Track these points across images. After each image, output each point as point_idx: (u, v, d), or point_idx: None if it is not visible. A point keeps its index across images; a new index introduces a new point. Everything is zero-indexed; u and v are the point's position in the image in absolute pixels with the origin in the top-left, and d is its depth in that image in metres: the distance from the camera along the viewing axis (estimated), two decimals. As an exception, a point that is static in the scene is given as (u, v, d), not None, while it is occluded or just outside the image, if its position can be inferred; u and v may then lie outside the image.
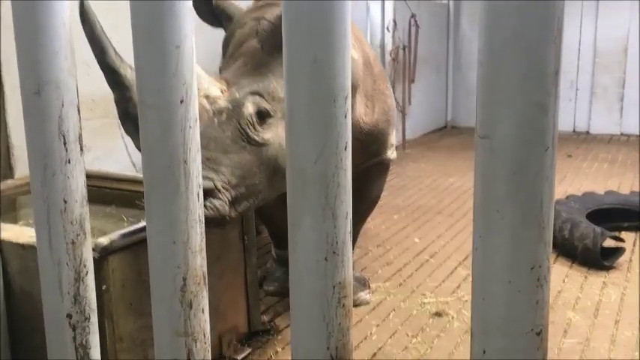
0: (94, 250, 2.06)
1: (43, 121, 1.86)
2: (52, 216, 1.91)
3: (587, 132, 10.19)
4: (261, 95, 2.40)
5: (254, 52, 2.49)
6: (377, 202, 3.38)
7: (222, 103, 2.30)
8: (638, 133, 9.76)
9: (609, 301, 3.33)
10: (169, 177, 1.67)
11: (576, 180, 6.52)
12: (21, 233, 2.38)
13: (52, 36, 1.82)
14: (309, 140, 1.42)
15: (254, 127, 2.35)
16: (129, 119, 2.12)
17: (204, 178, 2.13)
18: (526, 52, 1.09)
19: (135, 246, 2.23)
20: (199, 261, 1.76)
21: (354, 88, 2.75)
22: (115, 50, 2.05)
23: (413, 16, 8.51)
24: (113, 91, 2.12)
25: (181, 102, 1.64)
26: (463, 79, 10.78)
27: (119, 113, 2.15)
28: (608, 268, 3.77)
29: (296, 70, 1.39)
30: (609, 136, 9.79)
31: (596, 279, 3.66)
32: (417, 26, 8.60)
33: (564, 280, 3.64)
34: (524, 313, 1.20)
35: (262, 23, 2.50)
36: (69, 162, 1.91)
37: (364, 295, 3.36)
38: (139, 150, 2.12)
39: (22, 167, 3.69)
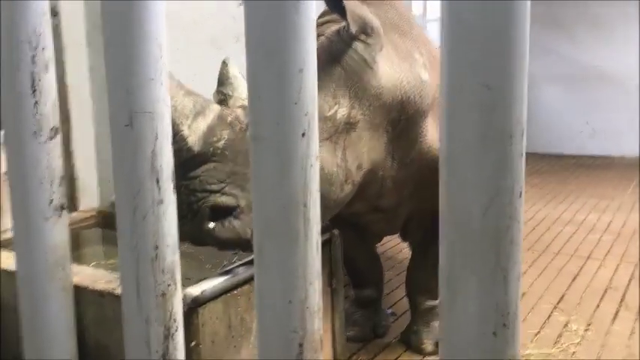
0: (183, 301, 1.82)
1: (134, 157, 1.63)
2: (141, 265, 1.68)
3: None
4: None
5: None
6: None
7: None
8: None
9: None
10: (287, 223, 1.41)
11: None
12: (96, 277, 2.16)
13: (147, 61, 1.60)
14: (476, 186, 1.14)
15: None
16: None
17: (227, 194, 1.99)
18: None
19: (224, 295, 1.98)
20: (317, 323, 1.49)
21: (428, 112, 2.47)
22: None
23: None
24: None
25: (303, 135, 1.39)
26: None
27: None
28: None
29: (460, 100, 1.12)
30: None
31: None
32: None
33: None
34: None
35: (320, 39, 2.25)
36: (161, 202, 1.68)
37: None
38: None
39: (85, 199, 3.53)
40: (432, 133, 2.50)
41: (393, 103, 2.24)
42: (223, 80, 2.19)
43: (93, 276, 2.17)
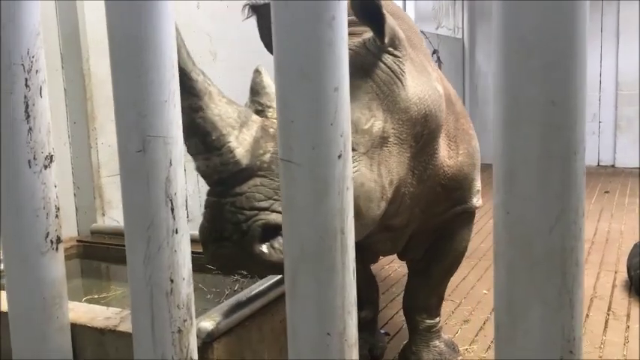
0: (197, 335, 1.71)
1: (147, 185, 1.53)
2: (156, 299, 1.57)
3: (613, 165, 9.94)
4: None
5: None
6: (462, 257, 3.02)
7: None
8: (666, 165, 9.52)
9: None
10: (323, 251, 1.33)
11: (625, 217, 6.20)
12: (94, 314, 2.02)
13: (161, 82, 1.50)
14: (542, 205, 1.08)
15: None
16: (195, 134, 1.73)
17: (277, 211, 1.76)
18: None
19: (237, 328, 1.87)
20: (355, 356, 1.41)
21: (443, 126, 2.44)
22: (187, 51, 1.70)
23: (436, 51, 8.33)
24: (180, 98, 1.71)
25: (339, 157, 1.31)
26: (480, 114, 10.56)
27: (183, 127, 1.73)
28: None
29: (524, 115, 1.07)
30: (637, 170, 9.53)
31: None
32: (440, 62, 8.41)
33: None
34: None
35: None
36: (176, 232, 1.58)
37: (458, 362, 2.98)
38: (202, 174, 1.76)
39: (64, 229, 3.35)
40: (443, 148, 2.46)
41: (418, 117, 2.18)
42: (258, 90, 2.02)
43: (90, 312, 2.03)
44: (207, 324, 1.78)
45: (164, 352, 1.58)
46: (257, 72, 2.04)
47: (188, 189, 2.37)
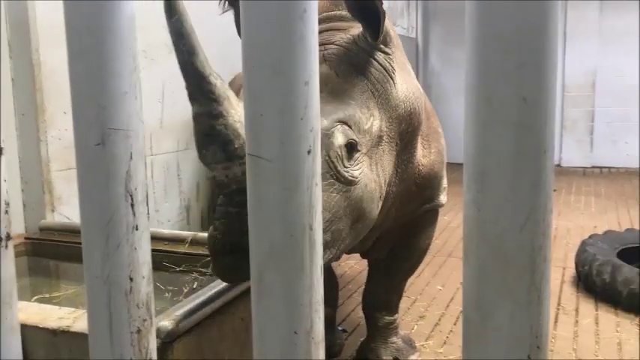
0: (157, 335, 1.66)
1: (106, 179, 1.46)
2: (114, 298, 1.51)
3: (559, 165, 10.25)
4: (348, 125, 1.99)
5: (327, 78, 2.07)
6: (425, 255, 3.05)
7: None
8: (608, 166, 9.89)
9: (678, 353, 3.10)
10: (292, 248, 1.30)
11: (571, 215, 6.41)
12: (45, 314, 1.93)
13: (121, 72, 1.45)
14: (513, 203, 1.09)
15: (343, 162, 1.95)
16: (215, 141, 1.64)
17: None
18: None
19: (198, 327, 1.82)
20: (321, 354, 1.39)
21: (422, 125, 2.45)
22: (204, 54, 1.62)
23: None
24: (196, 104, 1.64)
25: (309, 153, 1.29)
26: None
27: (199, 134, 1.66)
28: (657, 314, 3.56)
29: (496, 114, 1.07)
30: (582, 169, 9.87)
31: (650, 326, 3.44)
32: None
33: (617, 329, 3.40)
34: None
35: (330, 48, 2.15)
36: (136, 229, 1.52)
37: (415, 358, 3.01)
38: (219, 183, 1.68)
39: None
40: (419, 147, 2.47)
41: (404, 115, 2.18)
42: None
43: (41, 312, 1.94)
44: (167, 323, 1.72)
45: (122, 353, 1.53)
46: None
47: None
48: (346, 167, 1.95)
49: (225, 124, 1.63)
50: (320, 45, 2.23)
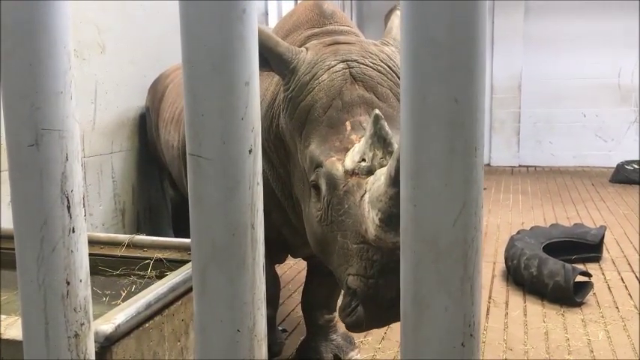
0: (95, 340, 1.63)
1: (41, 181, 1.43)
2: (50, 303, 1.48)
3: (489, 164, 10.65)
4: None
5: (371, 102, 2.05)
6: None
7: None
8: (534, 165, 10.35)
9: (598, 340, 3.29)
10: (234, 246, 1.32)
11: (500, 212, 6.66)
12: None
13: (56, 71, 1.42)
14: (446, 199, 1.14)
15: None
16: None
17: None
18: None
19: (137, 330, 1.80)
20: (264, 351, 1.41)
21: None
22: None
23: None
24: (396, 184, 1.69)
25: (250, 152, 1.31)
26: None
27: (394, 214, 1.69)
28: (579, 304, 3.76)
29: (432, 115, 1.12)
30: (510, 168, 10.28)
31: (574, 316, 3.63)
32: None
33: (544, 320, 3.57)
34: None
35: (360, 67, 2.11)
36: (73, 231, 1.49)
37: (355, 355, 3.06)
38: (384, 247, 1.77)
39: None
40: None
41: None
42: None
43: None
44: (106, 327, 1.69)
45: (59, 358, 1.49)
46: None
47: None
48: None
49: None
50: (344, 63, 2.14)
